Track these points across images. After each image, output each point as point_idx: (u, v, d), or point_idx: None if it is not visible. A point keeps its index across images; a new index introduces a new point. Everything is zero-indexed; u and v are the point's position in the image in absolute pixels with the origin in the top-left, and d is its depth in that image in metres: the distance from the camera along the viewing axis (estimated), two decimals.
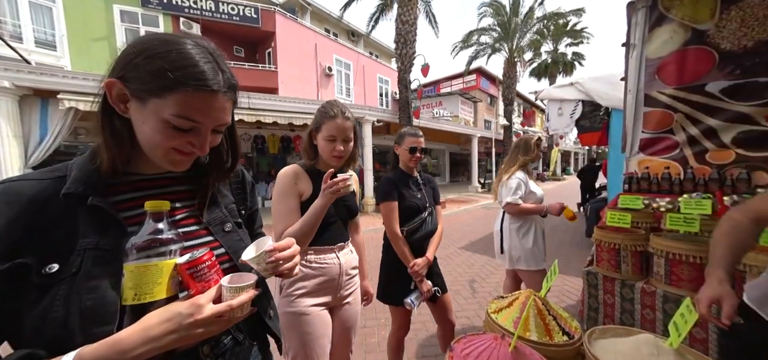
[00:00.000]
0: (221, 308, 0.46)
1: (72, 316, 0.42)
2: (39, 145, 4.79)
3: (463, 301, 2.94)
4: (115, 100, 0.48)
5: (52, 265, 0.43)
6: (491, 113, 21.42)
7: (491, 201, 10.44)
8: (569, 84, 4.04)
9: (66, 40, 8.70)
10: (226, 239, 0.60)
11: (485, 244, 5.12)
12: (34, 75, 4.69)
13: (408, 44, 8.77)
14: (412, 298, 1.43)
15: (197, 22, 10.29)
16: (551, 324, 0.90)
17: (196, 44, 0.48)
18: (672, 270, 1.59)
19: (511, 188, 1.98)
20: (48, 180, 0.47)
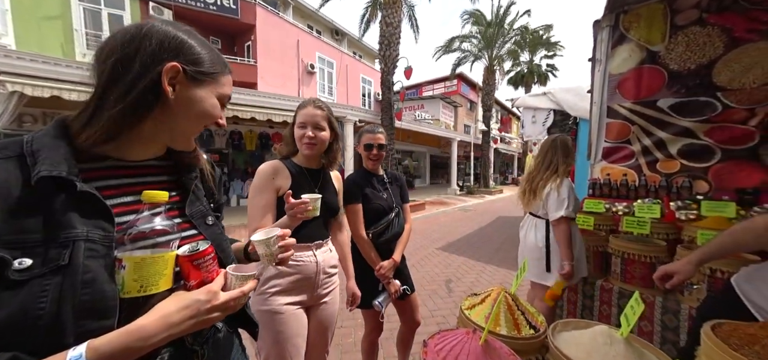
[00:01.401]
0: (235, 294, 0.50)
1: (64, 313, 0.39)
2: None
3: (440, 300, 3.00)
4: (170, 82, 0.49)
5: (23, 260, 0.38)
6: (471, 118, 22.12)
7: (470, 203, 10.81)
8: (542, 93, 4.30)
9: (9, 16, 7.80)
10: (209, 232, 0.60)
11: (462, 245, 5.27)
12: None
13: (392, 46, 8.85)
14: (380, 300, 1.42)
15: (169, 7, 9.66)
16: (520, 318, 0.95)
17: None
18: (626, 268, 1.73)
19: (563, 200, 1.63)
20: (5, 160, 0.42)
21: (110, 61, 0.46)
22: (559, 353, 0.74)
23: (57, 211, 0.41)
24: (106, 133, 0.47)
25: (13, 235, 0.39)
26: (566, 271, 1.61)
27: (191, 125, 0.55)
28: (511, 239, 5.67)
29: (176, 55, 0.49)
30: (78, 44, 8.69)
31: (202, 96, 0.53)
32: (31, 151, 0.42)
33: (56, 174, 0.42)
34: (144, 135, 0.52)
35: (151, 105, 0.49)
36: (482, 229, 6.74)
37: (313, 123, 1.12)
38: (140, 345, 0.41)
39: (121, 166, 0.52)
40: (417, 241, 5.46)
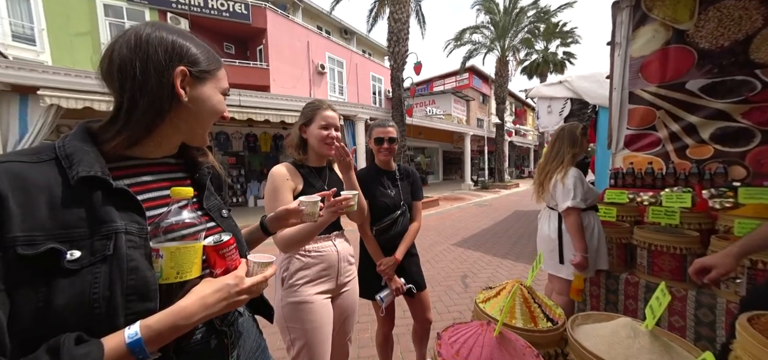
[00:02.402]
0: (258, 279, 0.56)
1: (115, 297, 0.43)
2: (19, 143, 4.61)
3: (456, 296, 2.98)
4: (182, 86, 0.53)
5: (73, 252, 0.42)
6: (483, 112, 21.65)
7: (484, 198, 10.61)
8: (558, 82, 4.13)
9: (46, 35, 8.39)
10: (225, 224, 0.64)
11: (478, 240, 5.19)
12: (11, 70, 4.50)
13: (400, 42, 8.79)
14: (381, 296, 1.43)
15: (185, 17, 10.06)
16: (536, 311, 0.93)
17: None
18: (654, 261, 1.65)
19: (569, 190, 1.61)
20: (43, 163, 0.45)
21: (128, 76, 0.49)
22: (579, 346, 0.72)
23: (96, 208, 0.45)
24: (132, 138, 0.51)
25: (61, 229, 0.42)
26: (577, 262, 1.55)
27: (204, 121, 0.59)
28: (528, 233, 5.52)
29: (180, 59, 0.52)
30: None
31: (209, 93, 0.57)
32: (64, 154, 0.46)
33: (93, 174, 0.45)
34: (161, 136, 0.55)
35: (168, 109, 0.53)
36: (498, 223, 6.60)
37: (334, 124, 1.18)
38: (184, 323, 0.46)
39: (141, 164, 0.56)
40: (431, 238, 5.43)
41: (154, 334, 0.43)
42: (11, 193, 0.40)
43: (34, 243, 0.40)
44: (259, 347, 0.74)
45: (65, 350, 0.37)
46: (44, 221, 0.42)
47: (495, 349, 0.73)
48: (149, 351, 0.43)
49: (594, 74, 3.58)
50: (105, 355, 0.39)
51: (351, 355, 2.01)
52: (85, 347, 0.39)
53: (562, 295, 1.72)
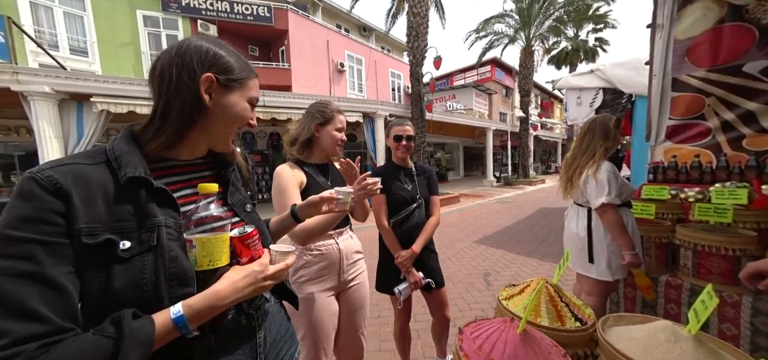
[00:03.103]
0: (280, 266, 0.61)
1: (160, 282, 0.49)
2: (77, 146, 5.15)
3: (478, 294, 2.92)
4: (206, 91, 0.57)
5: (124, 243, 0.48)
6: (507, 105, 20.81)
7: (507, 195, 10.23)
8: (589, 71, 3.87)
9: (96, 47, 9.26)
10: (249, 218, 0.69)
11: (501, 237, 5.04)
12: (70, 80, 5.03)
13: (420, 37, 8.66)
14: (399, 289, 1.45)
15: (213, 23, 10.62)
16: (563, 310, 0.89)
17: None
18: (700, 262, 1.51)
19: (603, 185, 1.49)
20: (97, 165, 0.51)
21: (164, 81, 0.55)
22: (611, 348, 0.68)
23: (142, 204, 0.51)
24: (168, 140, 0.57)
25: (115, 222, 0.49)
26: (628, 261, 1.46)
27: (227, 128, 0.62)
28: (555, 231, 5.26)
29: (210, 67, 0.56)
30: (145, 64, 10.00)
31: (235, 101, 0.60)
32: (114, 156, 0.52)
33: (138, 175, 0.51)
34: (191, 139, 0.60)
35: (197, 114, 0.57)
36: (522, 221, 6.35)
37: (343, 128, 1.25)
38: (219, 304, 0.52)
39: (176, 165, 0.62)
40: (452, 235, 5.34)
41: (194, 313, 0.49)
42: (75, 190, 0.46)
43: (94, 234, 0.46)
44: (287, 332, 0.78)
45: (126, 322, 0.44)
46: (102, 215, 0.48)
47: (519, 346, 0.71)
48: (191, 327, 0.49)
49: (630, 61, 3.31)
50: (155, 328, 0.45)
51: (373, 349, 2.06)
52: (140, 321, 0.45)
53: (591, 295, 1.63)
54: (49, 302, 0.42)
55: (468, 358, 0.74)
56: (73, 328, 0.43)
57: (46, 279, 0.42)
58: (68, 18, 8.83)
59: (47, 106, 4.82)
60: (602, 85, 3.73)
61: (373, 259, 1.65)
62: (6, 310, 0.40)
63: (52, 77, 4.85)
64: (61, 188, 0.45)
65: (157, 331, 0.45)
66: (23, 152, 7.32)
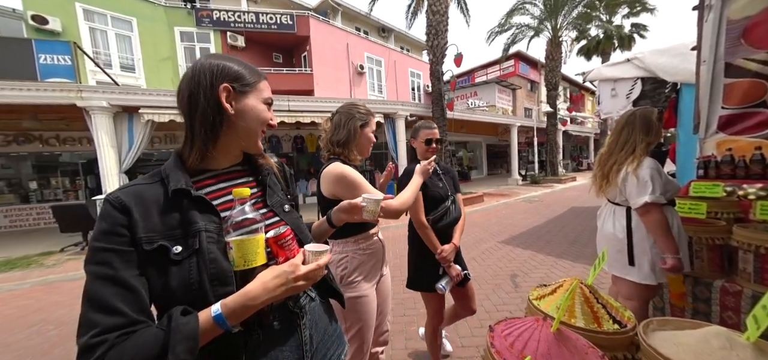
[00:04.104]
0: (312, 267, 0.60)
1: (204, 282, 0.55)
2: (128, 153, 5.72)
3: (505, 295, 2.83)
4: (226, 100, 0.62)
5: (175, 248, 0.55)
6: (532, 100, 19.88)
7: (534, 193, 9.78)
8: (625, 61, 3.60)
9: (141, 63, 10.18)
10: (288, 218, 0.72)
11: (529, 238, 4.84)
12: (122, 95, 5.60)
13: (439, 35, 8.55)
14: (442, 284, 1.47)
15: (241, 34, 11.24)
16: (600, 312, 0.86)
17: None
18: (764, 267, 1.36)
19: (645, 183, 1.39)
20: (153, 183, 0.60)
21: (185, 102, 0.62)
22: (655, 352, 0.64)
23: (185, 212, 0.58)
24: (201, 153, 0.63)
25: (167, 231, 0.56)
26: (670, 265, 1.35)
27: (252, 129, 0.67)
28: (589, 231, 4.96)
29: (224, 78, 0.62)
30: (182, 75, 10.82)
31: (252, 103, 0.66)
32: (165, 174, 0.61)
33: (180, 187, 0.58)
34: (223, 147, 0.66)
35: (221, 122, 0.63)
36: (552, 220, 6.05)
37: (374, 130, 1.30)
38: (251, 303, 0.55)
39: (216, 174, 0.67)
40: (476, 234, 5.22)
41: (230, 311, 0.53)
42: (135, 207, 0.55)
43: (151, 241, 0.55)
44: (334, 332, 0.79)
45: (174, 318, 0.51)
46: (156, 225, 0.56)
47: (553, 345, 0.70)
48: (230, 324, 0.53)
49: (674, 47, 3.04)
50: (199, 324, 0.51)
51: (399, 346, 2.08)
52: (187, 318, 0.51)
53: (631, 300, 1.51)
54: (124, 299, 0.51)
55: (500, 354, 0.73)
56: (144, 320, 0.52)
57: (120, 280, 0.51)
58: (119, 39, 9.81)
59: (104, 118, 5.40)
60: (640, 74, 3.46)
61: (396, 258, 1.68)
62: (94, 305, 0.49)
63: (108, 93, 5.43)
64: (124, 206, 0.55)
65: (200, 326, 0.51)
66: (85, 160, 8.26)
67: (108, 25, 9.57)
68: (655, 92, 3.72)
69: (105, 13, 9.45)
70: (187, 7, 10.80)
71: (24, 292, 3.72)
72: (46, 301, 3.39)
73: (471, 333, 2.23)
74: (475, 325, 2.33)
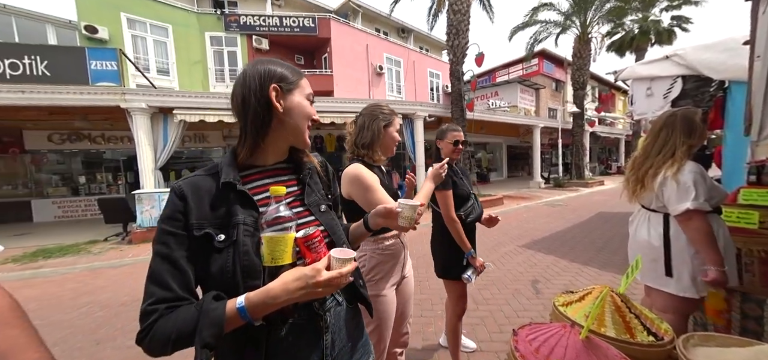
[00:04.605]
0: (333, 275, 0.59)
1: (237, 272, 0.59)
2: (163, 150, 6.15)
3: (526, 301, 2.75)
4: (276, 99, 0.66)
5: (219, 235, 0.60)
6: (557, 100, 19.03)
7: (558, 197, 9.35)
8: (663, 58, 3.36)
9: (175, 67, 10.89)
10: (323, 218, 0.73)
11: (551, 243, 4.65)
12: (159, 96, 6.05)
13: (460, 34, 8.41)
14: (469, 274, 1.57)
15: (265, 37, 11.69)
16: (633, 322, 0.82)
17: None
18: None
19: (687, 188, 1.28)
20: (208, 175, 0.65)
21: (239, 104, 0.66)
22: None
23: (230, 204, 0.62)
24: (251, 148, 0.68)
25: (214, 219, 0.61)
26: (712, 278, 1.24)
27: (299, 124, 0.71)
28: (618, 238, 4.68)
29: (271, 80, 0.66)
30: (210, 78, 11.45)
31: (298, 100, 0.70)
32: (220, 168, 0.66)
33: (228, 180, 0.63)
34: (271, 143, 0.70)
35: (270, 120, 0.67)
36: (577, 226, 5.77)
37: (398, 130, 1.32)
38: (270, 301, 0.55)
39: (261, 170, 0.71)
40: (494, 238, 5.09)
41: (252, 306, 0.55)
42: (190, 195, 0.61)
43: (200, 228, 0.60)
44: (359, 340, 0.78)
45: (206, 303, 0.55)
46: (206, 213, 0.61)
47: (582, 353, 0.68)
48: (252, 317, 0.55)
49: (722, 41, 2.80)
50: (226, 312, 0.54)
51: (417, 347, 2.09)
52: (216, 304, 0.55)
53: (666, 313, 1.40)
54: (174, 277, 0.56)
55: (524, 357, 0.73)
56: (188, 298, 0.57)
57: (173, 260, 0.57)
58: (156, 44, 10.56)
59: (143, 118, 5.84)
60: (681, 72, 3.22)
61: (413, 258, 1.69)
62: (153, 279, 0.57)
63: (147, 95, 5.88)
64: (183, 194, 0.61)
65: (226, 314, 0.54)
66: (126, 157, 8.96)
67: (147, 32, 10.33)
68: (698, 91, 3.44)
69: (145, 21, 10.21)
70: (216, 13, 11.40)
71: (75, 275, 4.11)
72: (92, 284, 3.72)
73: (490, 338, 2.19)
74: (494, 330, 2.28)
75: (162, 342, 0.53)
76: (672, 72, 3.31)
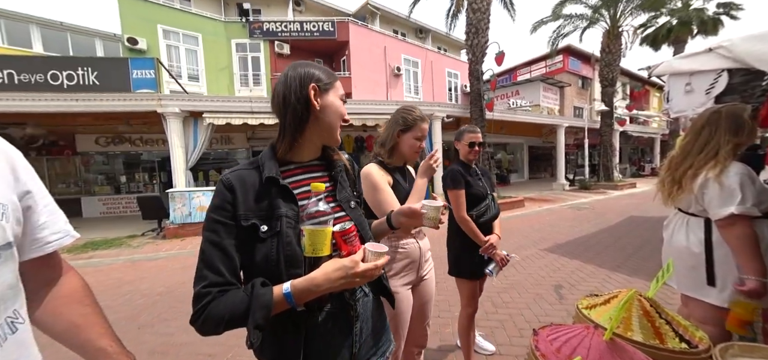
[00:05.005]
0: (369, 266, 0.64)
1: (281, 260, 0.64)
2: (193, 152, 6.58)
3: (548, 306, 2.67)
4: (314, 98, 0.71)
5: (263, 227, 0.64)
6: (583, 98, 18.09)
7: (583, 200, 8.91)
8: (706, 50, 3.10)
9: (204, 73, 11.57)
10: (353, 214, 0.77)
11: (576, 247, 4.45)
12: (190, 101, 6.47)
13: (480, 33, 8.26)
14: (490, 268, 1.58)
15: (287, 42, 12.11)
16: (663, 328, 0.79)
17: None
18: None
19: (732, 191, 1.19)
20: (252, 169, 0.70)
21: (281, 102, 0.71)
22: None
23: (273, 198, 0.67)
24: (289, 144, 0.72)
25: (259, 211, 0.65)
26: (749, 288, 1.14)
27: (333, 122, 0.75)
28: (651, 243, 4.40)
29: (310, 80, 0.71)
30: (235, 83, 12.05)
31: (332, 99, 0.74)
32: (261, 163, 0.70)
33: (271, 175, 0.67)
34: (306, 140, 0.74)
35: (307, 117, 0.72)
36: (605, 230, 5.47)
37: (424, 136, 1.31)
38: (313, 288, 0.61)
39: (298, 166, 0.75)
40: (515, 241, 4.96)
41: (297, 292, 0.60)
42: (238, 187, 0.66)
43: (247, 219, 0.64)
44: (382, 329, 0.83)
45: (256, 288, 0.60)
46: (251, 205, 0.65)
47: (605, 354, 0.67)
48: (296, 303, 0.61)
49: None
50: (273, 297, 0.59)
51: (433, 347, 2.10)
52: (264, 289, 0.60)
53: (706, 324, 1.29)
54: (223, 263, 0.62)
55: (545, 358, 0.73)
56: (235, 283, 0.63)
57: (222, 247, 0.63)
58: (188, 53, 11.31)
59: (176, 122, 6.28)
60: (726, 65, 2.95)
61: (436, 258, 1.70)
62: (205, 263, 0.62)
63: (179, 100, 6.32)
64: (232, 186, 0.66)
65: (274, 299, 0.59)
66: (160, 158, 9.65)
67: (180, 42, 11.08)
68: (747, 86, 3.15)
69: (178, 32, 10.96)
70: (242, 21, 11.98)
71: (118, 266, 4.50)
72: (133, 275, 4.06)
73: (509, 341, 2.16)
74: (514, 334, 2.24)
75: (215, 322, 0.59)
76: (716, 65, 3.05)
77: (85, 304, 0.62)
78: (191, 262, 4.48)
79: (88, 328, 0.59)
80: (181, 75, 10.93)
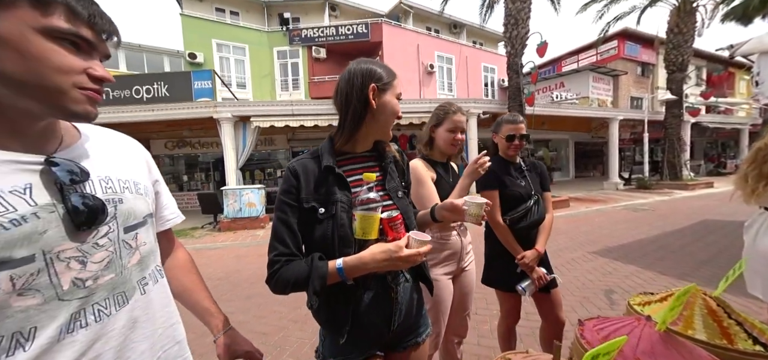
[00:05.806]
0: (412, 252, 0.70)
1: (335, 239, 0.73)
2: (242, 152, 7.29)
3: (596, 310, 2.48)
4: (373, 97, 0.77)
5: (321, 209, 0.74)
6: (643, 87, 16.04)
7: (642, 201, 7.93)
8: None
9: (250, 80, 12.68)
10: (400, 203, 0.83)
11: (632, 251, 4.02)
12: (239, 107, 7.21)
13: (520, 24, 7.83)
14: (523, 286, 1.38)
15: (323, 47, 12.72)
16: (733, 328, 0.74)
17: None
18: None
19: None
20: (313, 159, 0.79)
21: (343, 99, 0.78)
22: None
23: (329, 185, 0.76)
24: (347, 138, 0.80)
25: (318, 196, 0.75)
26: None
27: (387, 120, 0.81)
28: (730, 250, 3.81)
29: (371, 79, 0.77)
30: (277, 89, 12.99)
31: (389, 99, 0.80)
32: (321, 153, 0.79)
33: (328, 164, 0.76)
34: (362, 135, 0.81)
35: (365, 115, 0.78)
36: (668, 234, 4.84)
37: (461, 128, 1.31)
38: (362, 266, 0.70)
39: (352, 157, 0.83)
40: (559, 242, 4.63)
41: (348, 267, 0.69)
42: (302, 174, 0.76)
43: (308, 202, 0.75)
44: (419, 312, 0.89)
45: (314, 259, 0.71)
46: (312, 190, 0.75)
47: (658, 344, 0.65)
48: (346, 277, 0.70)
49: None
50: (328, 269, 0.69)
51: (472, 342, 2.10)
52: (322, 262, 0.70)
53: None
54: (290, 237, 0.74)
55: (591, 345, 0.72)
56: (298, 255, 0.74)
57: (289, 224, 0.75)
58: (236, 62, 12.52)
59: (228, 126, 7.01)
60: None
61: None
62: (276, 237, 0.75)
63: (230, 106, 7.07)
64: (297, 172, 0.76)
65: (328, 271, 0.69)
66: (214, 159, 10.84)
67: (230, 53, 12.30)
68: None
69: (229, 44, 12.19)
70: (283, 29, 12.87)
71: None
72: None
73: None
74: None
75: (283, 284, 0.71)
76: None
77: (193, 272, 0.79)
78: (244, 253, 5.02)
79: (197, 292, 0.76)
80: (231, 83, 12.11)
